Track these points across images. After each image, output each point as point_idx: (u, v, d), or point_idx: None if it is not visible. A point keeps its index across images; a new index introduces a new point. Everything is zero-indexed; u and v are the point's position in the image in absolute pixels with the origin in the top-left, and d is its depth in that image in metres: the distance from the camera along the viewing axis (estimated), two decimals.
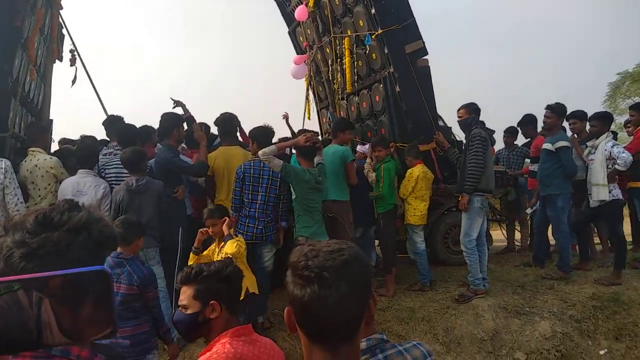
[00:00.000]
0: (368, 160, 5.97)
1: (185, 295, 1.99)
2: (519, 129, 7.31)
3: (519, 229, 7.55)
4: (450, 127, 6.96)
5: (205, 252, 4.15)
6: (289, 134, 6.89)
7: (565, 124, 6.21)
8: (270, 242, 4.80)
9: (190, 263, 4.13)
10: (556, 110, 5.70)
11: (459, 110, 5.61)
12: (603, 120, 5.85)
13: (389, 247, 5.81)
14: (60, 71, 6.87)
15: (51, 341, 0.56)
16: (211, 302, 1.94)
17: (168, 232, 4.62)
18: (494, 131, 6.85)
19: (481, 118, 5.58)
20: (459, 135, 6.78)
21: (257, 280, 4.86)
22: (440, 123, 6.82)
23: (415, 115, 6.41)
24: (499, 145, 7.83)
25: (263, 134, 4.96)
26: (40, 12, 5.88)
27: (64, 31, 6.76)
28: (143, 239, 3.57)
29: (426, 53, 6.56)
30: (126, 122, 5.48)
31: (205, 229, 4.11)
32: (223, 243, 3.99)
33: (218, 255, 4.05)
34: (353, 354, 1.07)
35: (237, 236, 4.04)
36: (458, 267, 6.16)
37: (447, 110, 6.88)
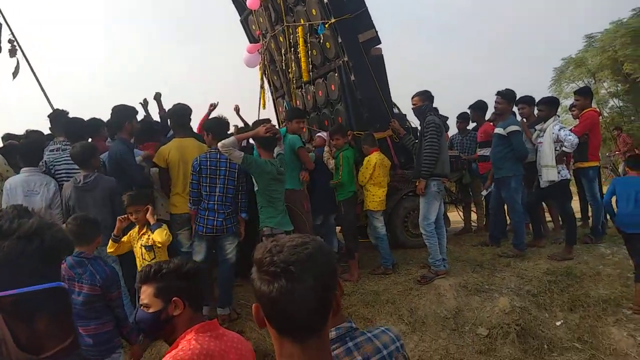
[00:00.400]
0: (326, 148, 6.01)
1: (146, 294, 1.94)
2: (469, 112, 7.53)
3: (475, 211, 7.80)
4: (405, 115, 7.08)
5: (124, 238, 4.09)
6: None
7: (515, 109, 6.43)
8: (231, 234, 4.76)
9: (109, 251, 4.10)
10: (506, 96, 5.92)
11: (413, 97, 5.73)
12: (550, 104, 6.09)
13: (350, 233, 5.88)
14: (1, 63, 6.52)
15: (7, 357, 0.52)
16: (174, 299, 1.91)
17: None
18: (447, 117, 7.06)
19: (435, 104, 5.74)
20: (414, 122, 6.94)
21: (220, 272, 4.84)
22: (396, 111, 6.92)
23: (370, 103, 6.47)
24: (453, 130, 8.05)
25: (218, 125, 4.90)
26: None
27: (0, 20, 6.41)
28: (101, 237, 3.47)
29: (379, 42, 6.64)
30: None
31: (124, 216, 4.04)
32: (146, 230, 4.00)
33: (138, 242, 4.05)
34: (322, 344, 1.08)
35: (162, 225, 4.01)
36: (418, 249, 6.31)
37: (405, 99, 7.00)
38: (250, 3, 7.28)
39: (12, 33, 6.08)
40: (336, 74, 6.70)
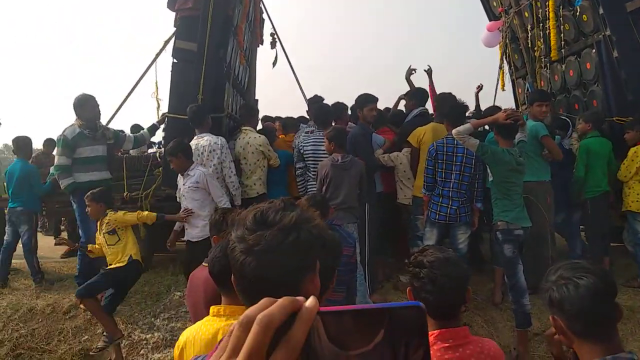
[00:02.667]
0: (575, 134, 5.36)
1: None
2: None
3: None
4: None
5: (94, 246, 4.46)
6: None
7: None
8: (464, 223, 4.60)
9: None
10: None
11: None
12: None
13: (596, 236, 5.17)
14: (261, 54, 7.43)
15: (318, 345, 0.51)
16: None
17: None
18: None
19: None
20: None
21: None
22: None
23: (637, 84, 5.49)
24: None
25: (454, 110, 4.72)
26: (247, 0, 6.38)
27: (264, 16, 7.27)
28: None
29: None
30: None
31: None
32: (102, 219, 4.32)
33: (100, 234, 4.33)
34: None
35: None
36: None
37: None
38: None
39: (274, 27, 6.84)
40: (593, 51, 5.87)
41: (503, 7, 7.36)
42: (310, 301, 0.50)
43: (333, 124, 5.17)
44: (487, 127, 4.88)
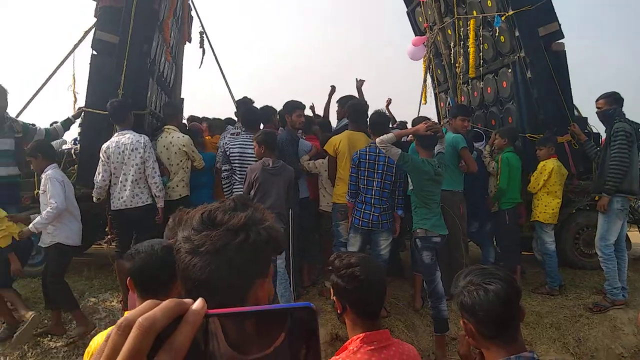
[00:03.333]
0: (487, 147, 5.66)
1: None
2: None
3: None
4: (586, 118, 6.34)
5: None
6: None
7: None
8: (386, 230, 4.68)
9: None
10: None
11: (598, 100, 5.11)
12: None
13: (511, 245, 5.47)
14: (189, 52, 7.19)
15: (217, 351, 0.51)
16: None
17: None
18: None
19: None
20: (597, 127, 6.19)
21: None
22: (575, 113, 6.23)
23: (547, 104, 5.89)
24: None
25: (378, 121, 4.84)
26: None
27: (193, 13, 7.05)
28: None
29: (562, 36, 6.01)
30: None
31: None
32: None
33: None
34: None
35: None
36: (590, 271, 5.67)
37: (579, 101, 6.28)
38: None
39: (202, 25, 6.65)
40: (509, 70, 6.24)
41: (428, 24, 7.65)
42: (198, 304, 0.48)
43: (261, 127, 5.10)
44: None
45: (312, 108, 7.01)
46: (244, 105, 5.54)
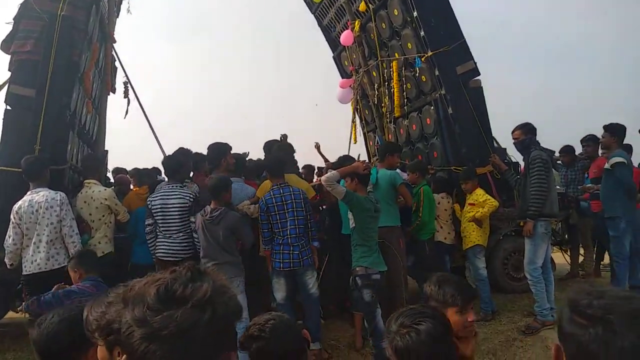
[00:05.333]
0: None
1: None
2: (582, 144, 6.94)
3: (583, 254, 7.15)
4: (505, 149, 6.71)
5: None
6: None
7: None
8: (309, 267, 4.64)
9: None
10: (609, 130, 5.54)
11: (514, 131, 5.39)
12: None
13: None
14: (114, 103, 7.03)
15: None
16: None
17: None
18: (553, 151, 6.58)
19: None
20: (515, 156, 6.55)
21: (307, 308, 4.71)
22: (495, 144, 6.58)
23: (469, 137, 6.21)
24: None
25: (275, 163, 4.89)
26: (96, 46, 6.05)
27: (117, 64, 6.94)
28: None
29: (478, 74, 6.41)
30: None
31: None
32: None
33: None
34: None
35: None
36: (520, 294, 5.84)
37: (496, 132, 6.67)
38: (344, 40, 7.37)
39: (127, 75, 6.55)
40: (432, 108, 6.54)
41: (354, 67, 7.93)
42: None
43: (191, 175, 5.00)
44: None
45: (317, 147, 7.29)
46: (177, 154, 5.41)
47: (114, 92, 6.86)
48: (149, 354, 0.78)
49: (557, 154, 6.89)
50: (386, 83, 7.27)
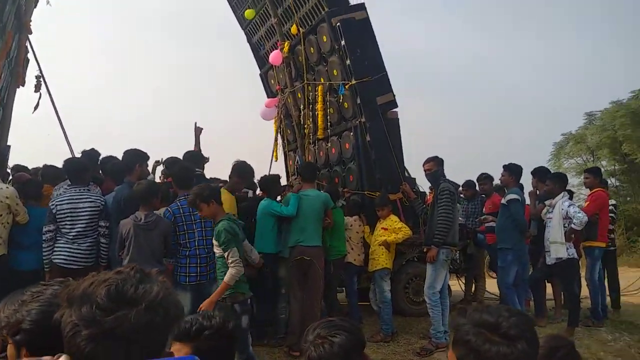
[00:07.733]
0: None
1: (181, 353, 1.84)
2: (476, 182, 7.57)
3: (475, 282, 7.72)
4: (415, 178, 7.15)
5: None
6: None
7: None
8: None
9: None
10: (509, 169, 6.09)
11: (425, 163, 5.72)
12: (559, 180, 6.18)
13: (334, 294, 5.99)
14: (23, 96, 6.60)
15: None
16: None
17: None
18: (459, 185, 7.12)
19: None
20: (423, 186, 7.01)
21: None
22: (406, 174, 7.00)
23: (383, 165, 6.56)
24: None
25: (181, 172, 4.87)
26: (10, 35, 5.68)
27: (30, 56, 6.54)
28: None
29: (396, 106, 6.82)
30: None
31: None
32: None
33: None
34: None
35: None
36: (417, 317, 6.20)
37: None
38: (273, 59, 7.50)
39: (40, 69, 6.21)
40: (351, 134, 6.82)
41: (280, 86, 8.08)
42: None
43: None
44: None
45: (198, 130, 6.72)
46: (86, 157, 5.20)
47: (23, 85, 6.44)
48: (96, 354, 0.78)
49: (460, 188, 7.44)
50: (310, 105, 7.48)
